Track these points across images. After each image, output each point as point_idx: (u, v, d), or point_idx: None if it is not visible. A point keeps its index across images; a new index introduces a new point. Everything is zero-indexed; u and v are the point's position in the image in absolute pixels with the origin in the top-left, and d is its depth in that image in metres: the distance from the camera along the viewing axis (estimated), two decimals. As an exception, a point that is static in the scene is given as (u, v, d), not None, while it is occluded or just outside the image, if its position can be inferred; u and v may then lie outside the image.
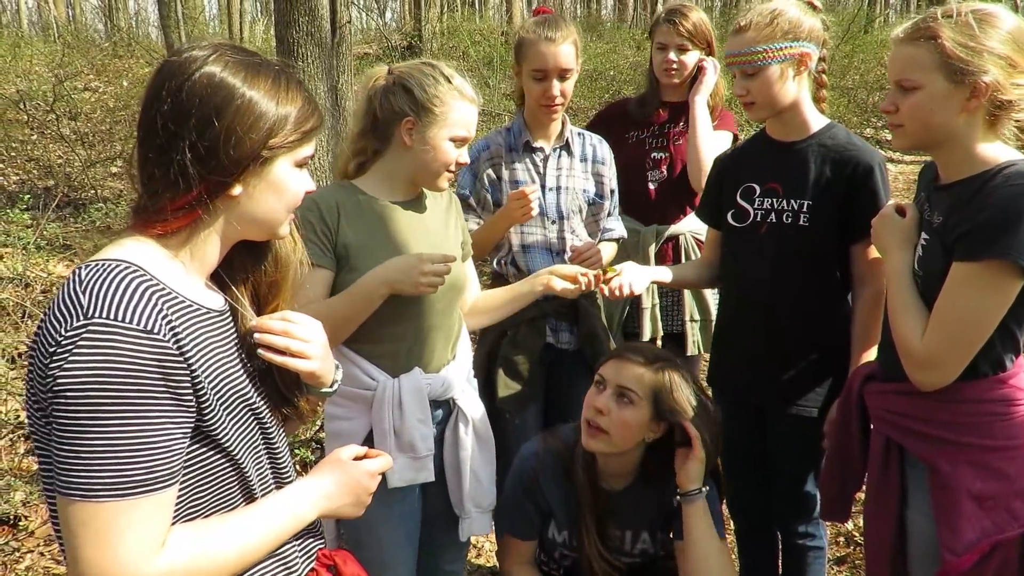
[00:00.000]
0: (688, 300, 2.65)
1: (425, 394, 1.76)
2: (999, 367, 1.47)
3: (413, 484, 1.78)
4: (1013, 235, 1.34)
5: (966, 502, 1.45)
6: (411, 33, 12.62)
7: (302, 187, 1.15)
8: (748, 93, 1.91)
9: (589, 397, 1.81)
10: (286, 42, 5.25)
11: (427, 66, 1.77)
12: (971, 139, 1.47)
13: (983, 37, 1.40)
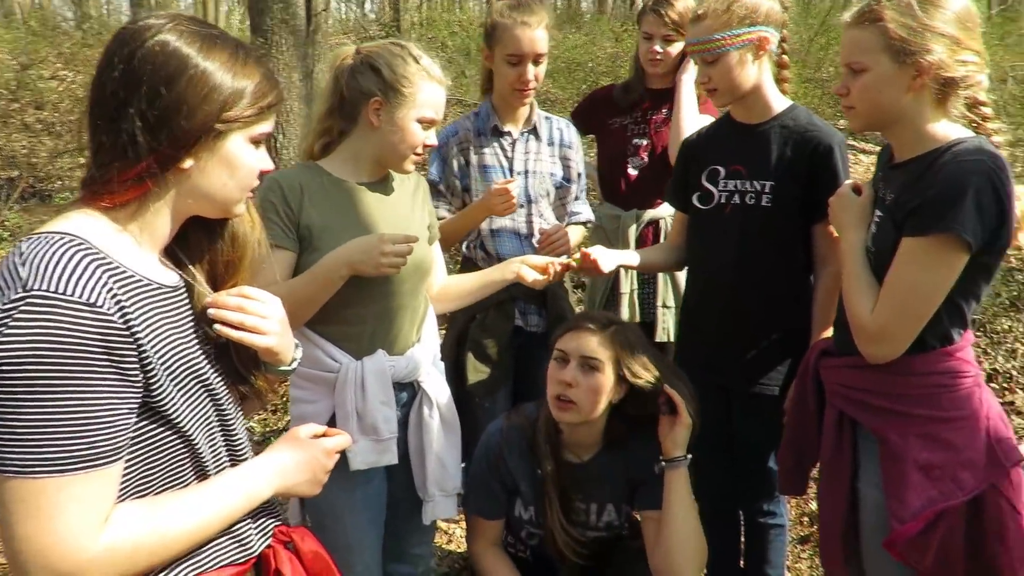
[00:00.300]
0: (661, 287, 2.68)
1: (388, 376, 1.76)
2: (946, 340, 1.51)
3: (376, 467, 1.78)
4: (959, 210, 1.37)
5: (914, 472, 1.49)
6: (389, 24, 12.53)
7: (257, 165, 1.13)
8: (710, 80, 1.94)
9: (553, 373, 1.83)
10: (260, 30, 5.21)
11: (396, 46, 1.76)
12: (921, 118, 1.50)
13: (925, 17, 1.44)
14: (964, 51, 1.44)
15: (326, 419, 1.78)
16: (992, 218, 1.38)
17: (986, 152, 1.41)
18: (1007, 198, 1.38)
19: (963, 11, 1.46)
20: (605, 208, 2.75)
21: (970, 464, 1.47)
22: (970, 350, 1.55)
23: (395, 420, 1.79)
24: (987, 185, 1.37)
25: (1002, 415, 1.55)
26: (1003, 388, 3.49)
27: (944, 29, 1.43)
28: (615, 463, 1.92)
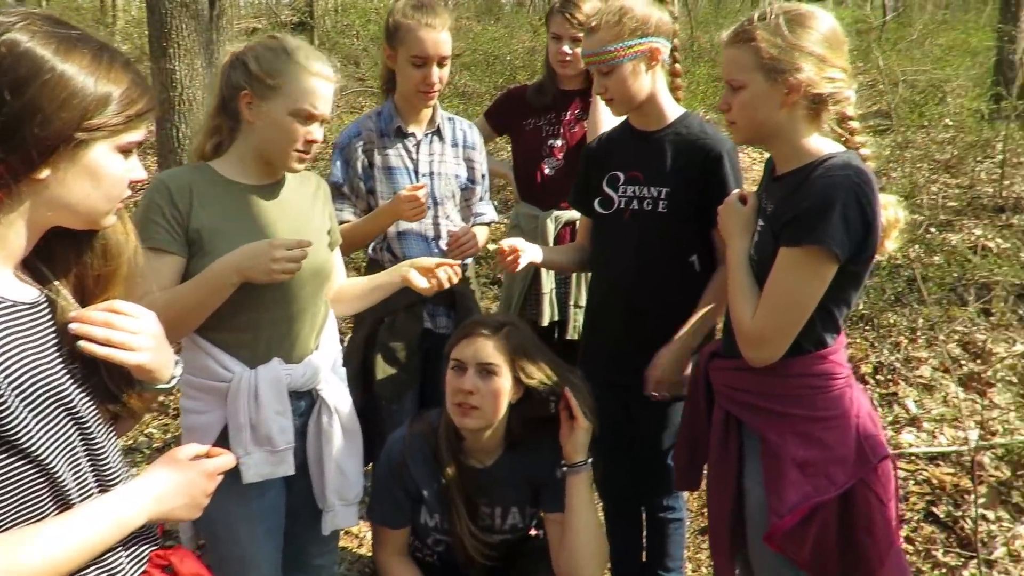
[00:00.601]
0: (574, 287, 2.71)
1: (284, 385, 1.72)
2: (820, 344, 1.59)
3: (271, 478, 1.74)
4: (828, 223, 1.45)
5: (791, 469, 1.57)
6: (303, 9, 12.15)
7: (126, 175, 1.07)
8: (606, 90, 1.98)
9: (451, 382, 1.83)
10: (157, 12, 4.94)
11: (270, 39, 1.72)
12: (796, 133, 1.58)
13: (793, 37, 1.51)
14: (831, 69, 1.52)
15: (218, 431, 1.72)
16: (858, 230, 1.46)
17: (853, 167, 1.49)
18: (872, 211, 1.47)
19: (830, 31, 1.54)
20: (522, 208, 2.76)
21: (841, 460, 1.56)
22: (843, 352, 1.65)
23: (291, 430, 1.75)
24: (853, 199, 1.45)
25: (871, 413, 1.65)
26: (887, 380, 3.71)
27: (811, 48, 1.51)
28: (517, 466, 1.93)
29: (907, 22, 14.85)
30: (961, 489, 2.86)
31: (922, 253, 4.91)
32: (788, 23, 1.52)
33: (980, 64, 10.14)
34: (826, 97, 1.54)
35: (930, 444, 3.20)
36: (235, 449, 1.67)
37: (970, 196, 6.27)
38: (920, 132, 7.95)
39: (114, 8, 12.54)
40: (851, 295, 1.58)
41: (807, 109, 1.55)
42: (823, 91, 1.53)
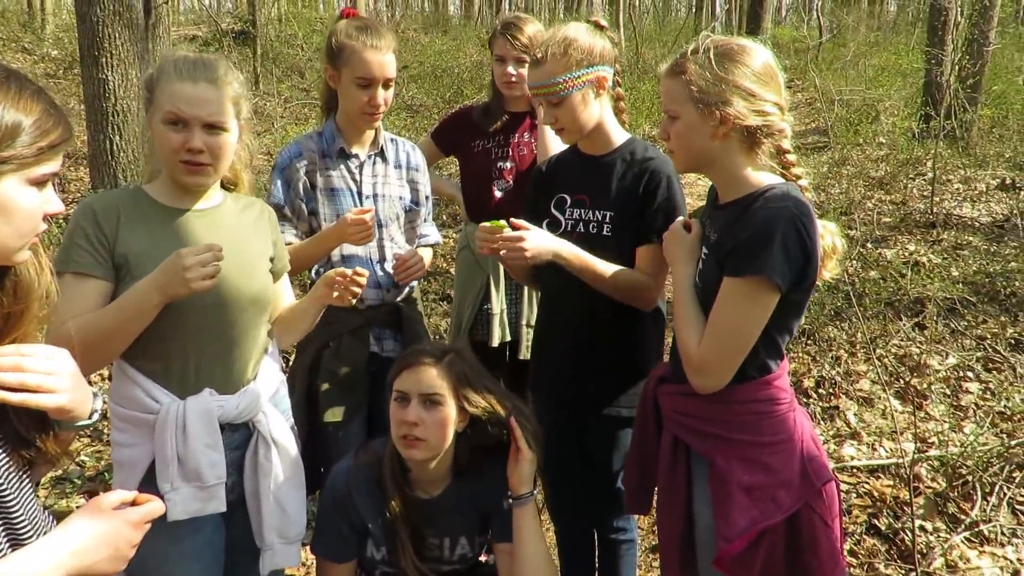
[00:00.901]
0: (525, 307, 2.69)
1: (215, 417, 1.64)
2: (764, 370, 1.60)
3: (201, 515, 1.65)
4: (768, 253, 1.46)
5: (738, 494, 1.57)
6: (245, 18, 11.93)
7: (39, 208, 1.01)
8: (556, 120, 1.98)
9: (395, 413, 1.78)
10: (88, 21, 4.78)
11: (171, 54, 1.67)
12: (733, 163, 1.59)
13: (722, 71, 1.52)
14: (761, 103, 1.53)
15: (146, 465, 1.64)
16: (798, 260, 1.48)
17: (791, 198, 1.51)
18: (811, 241, 1.48)
19: (761, 66, 1.55)
20: (472, 228, 2.73)
21: (787, 484, 1.57)
22: (785, 378, 1.66)
23: (223, 464, 1.67)
24: (792, 230, 1.46)
25: (814, 435, 1.67)
26: (829, 393, 3.80)
27: (740, 83, 1.52)
28: (465, 495, 1.89)
29: (842, 43, 15.47)
30: (901, 501, 2.93)
31: (859, 268, 5.07)
32: (718, 57, 1.53)
33: (910, 84, 10.61)
34: (757, 130, 1.55)
35: (870, 457, 3.28)
36: (161, 484, 1.59)
37: (903, 212, 6.51)
38: (856, 150, 8.26)
39: (43, 12, 12.06)
40: (792, 322, 1.60)
41: (741, 141, 1.57)
42: (753, 124, 1.54)
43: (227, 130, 1.63)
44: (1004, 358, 4.02)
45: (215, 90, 1.61)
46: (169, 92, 1.59)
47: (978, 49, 8.48)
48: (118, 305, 1.53)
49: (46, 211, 1.03)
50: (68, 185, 6.55)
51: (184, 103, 1.58)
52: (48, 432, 1.09)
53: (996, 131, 8.90)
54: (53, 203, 1.04)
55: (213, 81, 1.61)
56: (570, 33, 1.93)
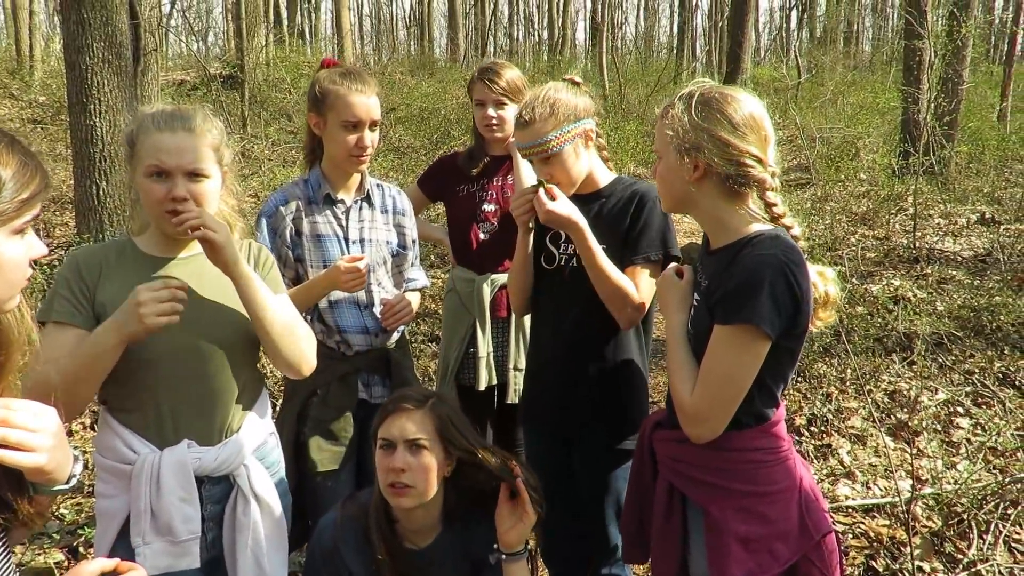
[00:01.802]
0: (513, 350, 2.68)
1: (191, 470, 1.61)
2: (760, 418, 1.59)
3: (171, 571, 1.61)
4: (756, 301, 1.45)
5: (733, 544, 1.54)
6: (232, 62, 12.06)
7: (23, 257, 1.02)
8: (552, 177, 2.02)
9: (381, 461, 1.75)
10: (77, 68, 4.81)
11: (148, 109, 1.68)
12: (713, 207, 1.60)
13: (699, 119, 1.54)
14: (735, 153, 1.53)
15: (125, 516, 1.61)
16: (788, 307, 1.47)
17: (780, 245, 1.51)
18: (800, 287, 1.48)
19: (741, 118, 1.55)
20: (459, 272, 2.74)
21: (784, 536, 1.55)
22: (783, 425, 1.64)
23: (197, 519, 1.63)
24: (781, 278, 1.46)
25: (813, 485, 1.64)
26: (821, 431, 3.78)
27: (715, 131, 1.54)
28: (455, 544, 1.85)
29: (820, 82, 15.82)
30: (897, 541, 2.90)
31: (846, 304, 5.09)
32: (698, 105, 1.55)
33: (888, 122, 10.84)
34: (733, 178, 1.56)
35: (864, 496, 3.25)
36: (133, 538, 1.56)
37: (887, 247, 6.59)
38: (838, 186, 8.38)
39: (31, 59, 12.13)
40: (787, 369, 1.59)
41: (719, 187, 1.58)
42: (727, 172, 1.55)
43: (208, 176, 1.64)
44: (993, 392, 4.03)
45: (194, 138, 1.62)
46: (149, 144, 1.60)
47: (953, 88, 8.71)
48: (81, 348, 1.52)
49: (31, 256, 1.04)
50: (53, 230, 6.51)
51: (164, 153, 1.59)
52: (24, 495, 1.05)
53: (973, 166, 9.09)
54: (36, 247, 1.05)
55: (191, 130, 1.63)
56: (552, 93, 2.01)
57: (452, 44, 20.04)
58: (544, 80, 2.74)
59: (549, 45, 24.22)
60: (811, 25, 28.31)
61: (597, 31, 23.19)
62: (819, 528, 1.55)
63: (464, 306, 2.68)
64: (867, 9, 32.87)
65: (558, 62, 16.72)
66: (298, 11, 21.43)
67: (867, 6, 32.69)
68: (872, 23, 34.10)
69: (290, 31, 17.56)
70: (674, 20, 31.63)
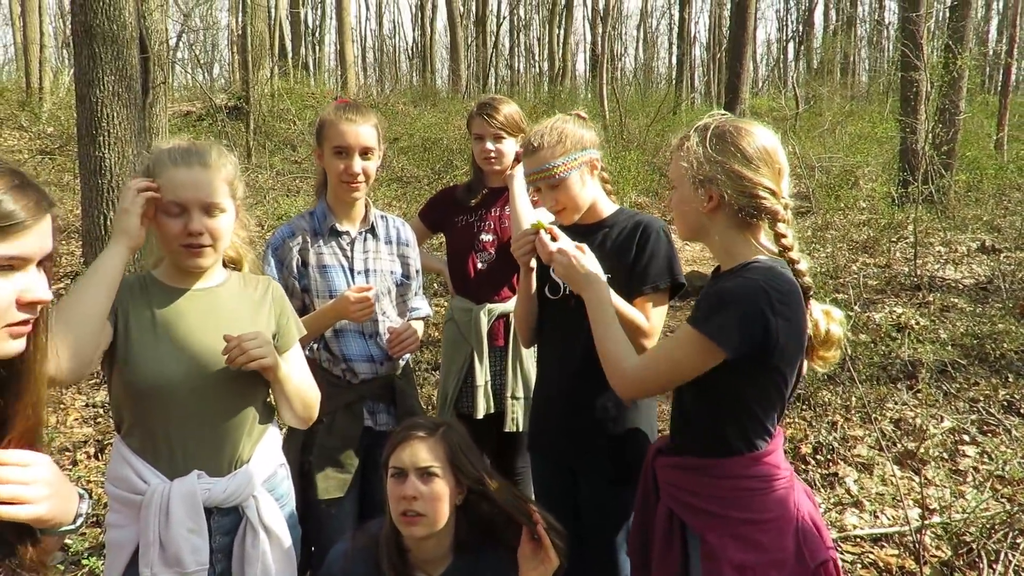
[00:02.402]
0: (510, 379, 2.69)
1: (199, 500, 1.61)
2: (751, 446, 1.60)
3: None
4: (723, 318, 1.49)
5: (729, 572, 1.55)
6: (238, 94, 12.22)
7: (9, 294, 0.95)
8: (557, 202, 2.07)
9: (393, 490, 1.75)
10: (88, 101, 4.88)
11: (163, 145, 1.71)
12: (725, 237, 1.63)
13: (714, 151, 1.58)
14: (749, 185, 1.57)
15: (134, 547, 1.61)
16: (755, 333, 1.48)
17: (768, 275, 1.52)
18: (776, 317, 1.48)
19: (755, 151, 1.58)
20: (457, 302, 2.76)
21: (780, 564, 1.54)
22: (779, 454, 1.64)
23: (206, 551, 1.62)
24: (754, 303, 1.48)
25: (814, 515, 1.63)
26: (827, 460, 3.77)
27: (729, 164, 1.57)
28: (466, 574, 1.84)
29: (818, 112, 16.00)
30: (907, 571, 2.88)
31: (848, 332, 5.11)
32: (713, 137, 1.58)
33: (887, 151, 10.94)
34: (746, 210, 1.59)
35: (872, 525, 3.23)
36: (142, 570, 1.56)
37: (888, 275, 6.62)
38: (838, 214, 8.44)
39: (40, 91, 12.30)
40: (774, 399, 1.59)
41: (732, 218, 1.61)
42: (740, 204, 1.58)
43: (224, 210, 1.67)
44: (999, 420, 4.02)
45: (209, 173, 1.65)
46: (167, 180, 1.63)
47: (950, 118, 8.82)
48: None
49: (24, 298, 0.97)
50: (60, 259, 6.57)
51: (181, 188, 1.62)
52: (29, 540, 1.03)
53: (972, 195, 9.16)
54: (35, 290, 0.98)
55: (206, 165, 1.66)
56: (560, 123, 2.08)
57: (454, 76, 20.30)
58: (546, 111, 2.82)
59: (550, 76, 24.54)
60: (808, 56, 28.73)
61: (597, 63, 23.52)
62: (815, 556, 1.54)
63: (462, 335, 2.70)
64: (863, 41, 33.34)
65: (559, 93, 16.94)
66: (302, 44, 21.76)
67: (863, 38, 33.17)
68: (868, 55, 34.57)
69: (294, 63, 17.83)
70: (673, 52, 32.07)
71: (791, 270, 1.58)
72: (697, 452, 1.66)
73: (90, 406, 4.34)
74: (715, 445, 1.61)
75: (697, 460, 1.65)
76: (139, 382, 1.59)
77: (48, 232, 1.00)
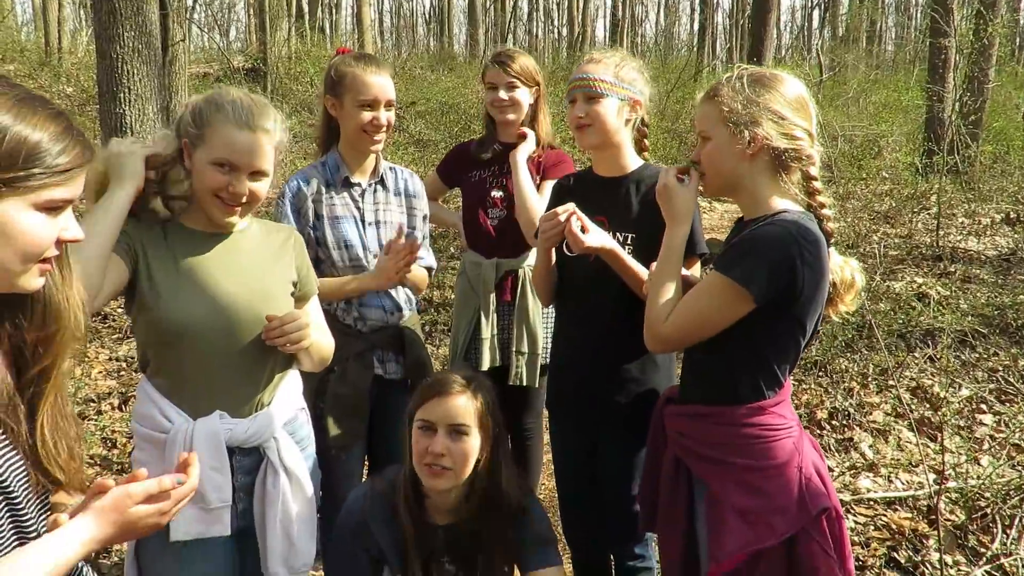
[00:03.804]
0: (515, 334, 2.71)
1: (222, 440, 1.65)
2: (760, 396, 1.62)
3: (206, 538, 1.65)
4: (752, 263, 1.51)
5: (731, 517, 1.59)
6: (255, 55, 12.16)
7: (47, 233, 0.97)
8: (586, 115, 2.04)
9: (420, 443, 1.77)
10: (108, 57, 4.88)
11: (215, 92, 1.70)
12: (758, 186, 1.63)
13: (754, 95, 1.59)
14: (791, 127, 1.59)
15: None
16: (782, 277, 1.50)
17: (799, 224, 1.53)
18: (803, 264, 1.50)
19: (793, 94, 1.61)
20: (469, 255, 2.79)
21: (782, 510, 1.57)
22: (786, 405, 1.66)
23: (228, 488, 1.66)
24: (782, 247, 1.50)
25: (819, 466, 1.64)
26: (843, 425, 3.78)
27: (771, 106, 1.59)
28: (483, 521, 1.87)
29: (842, 80, 15.68)
30: (920, 534, 2.90)
31: (868, 301, 5.07)
32: (751, 82, 1.60)
33: (912, 120, 10.74)
34: (785, 153, 1.60)
35: (887, 489, 3.25)
36: None
37: (909, 246, 6.54)
38: (860, 184, 8.33)
39: (59, 51, 12.31)
40: (790, 348, 1.60)
41: (769, 164, 1.62)
42: (781, 146, 1.59)
43: (268, 175, 1.68)
44: (1017, 390, 4.00)
45: (268, 140, 1.67)
46: (224, 136, 1.63)
47: (978, 87, 8.63)
48: None
49: (62, 237, 1.00)
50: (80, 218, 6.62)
51: (239, 152, 1.63)
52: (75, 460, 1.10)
53: (998, 166, 8.99)
54: (72, 229, 1.01)
55: (267, 131, 1.67)
56: (624, 54, 2.10)
57: (471, 40, 20.08)
58: (564, 75, 2.78)
59: (569, 41, 24.18)
60: (833, 23, 28.08)
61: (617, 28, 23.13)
62: (815, 504, 1.56)
63: (472, 289, 2.73)
64: (891, 8, 32.55)
65: (577, 59, 16.67)
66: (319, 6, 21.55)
67: (891, 5, 32.39)
68: (896, 22, 33.77)
69: (311, 25, 17.68)
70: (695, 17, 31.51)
71: (819, 214, 1.60)
72: (705, 401, 1.69)
73: (113, 359, 4.42)
74: (724, 394, 1.64)
75: (705, 408, 1.68)
76: (163, 324, 1.62)
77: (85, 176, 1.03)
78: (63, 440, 1.07)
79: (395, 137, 9.30)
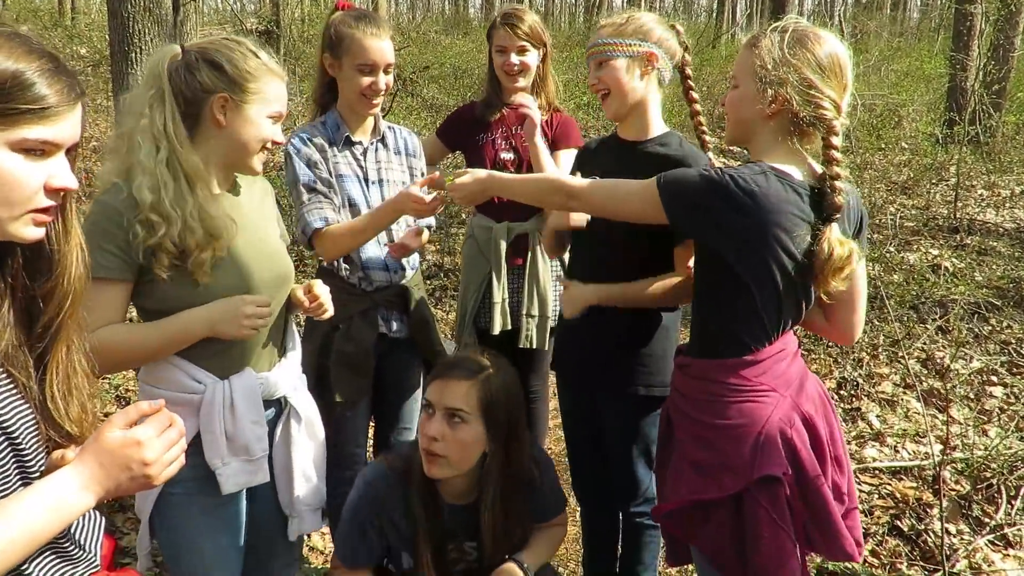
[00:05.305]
0: (526, 298, 2.71)
1: (258, 394, 1.68)
2: (739, 351, 1.62)
3: (248, 487, 1.71)
4: (678, 177, 1.61)
5: (686, 467, 1.67)
6: (268, 18, 12.04)
7: (29, 178, 0.94)
8: (599, 82, 2.03)
9: (422, 424, 1.78)
10: (119, 16, 4.83)
11: (231, 41, 1.65)
12: (772, 143, 1.61)
13: (789, 55, 1.54)
14: (817, 95, 1.53)
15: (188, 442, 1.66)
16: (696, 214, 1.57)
17: (755, 172, 1.51)
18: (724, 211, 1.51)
19: (828, 58, 1.54)
20: (477, 219, 2.76)
21: (732, 469, 1.59)
22: (771, 373, 1.62)
23: (266, 438, 1.71)
24: (712, 184, 1.52)
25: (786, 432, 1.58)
26: (851, 395, 3.77)
27: (802, 69, 1.53)
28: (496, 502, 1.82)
29: (864, 48, 15.35)
30: (924, 503, 2.90)
31: (881, 271, 5.03)
32: (790, 40, 1.56)
33: (934, 90, 10.51)
34: (805, 119, 1.55)
35: (893, 458, 3.25)
36: (212, 460, 1.63)
37: (926, 217, 6.46)
38: (878, 154, 8.19)
39: (73, 11, 12.25)
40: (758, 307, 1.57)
41: (785, 126, 1.58)
42: (802, 112, 1.55)
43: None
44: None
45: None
46: (275, 90, 1.65)
47: (1004, 55, 8.42)
48: (163, 330, 1.57)
49: (51, 184, 0.96)
50: (93, 181, 6.66)
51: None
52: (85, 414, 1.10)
53: (1020, 137, 8.81)
54: (61, 177, 0.97)
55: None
56: (633, 12, 2.07)
57: (487, 4, 19.76)
58: (580, 41, 2.73)
59: (586, 6, 23.76)
60: (857, -10, 27.40)
61: (635, -8, 22.68)
62: (761, 468, 1.55)
63: (482, 253, 2.72)
64: (917, -26, 31.70)
65: (595, 24, 16.40)
66: (333, -32, 21.27)
67: (917, -29, 31.52)
68: (921, -12, 32.89)
69: (325, -13, 17.44)
70: (714, -17, 30.77)
71: (830, 184, 1.55)
72: (691, 354, 1.74)
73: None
74: (705, 347, 1.69)
75: (686, 359, 1.74)
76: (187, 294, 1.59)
77: (79, 120, 1.00)
78: (75, 395, 1.07)
79: (407, 101, 9.22)
